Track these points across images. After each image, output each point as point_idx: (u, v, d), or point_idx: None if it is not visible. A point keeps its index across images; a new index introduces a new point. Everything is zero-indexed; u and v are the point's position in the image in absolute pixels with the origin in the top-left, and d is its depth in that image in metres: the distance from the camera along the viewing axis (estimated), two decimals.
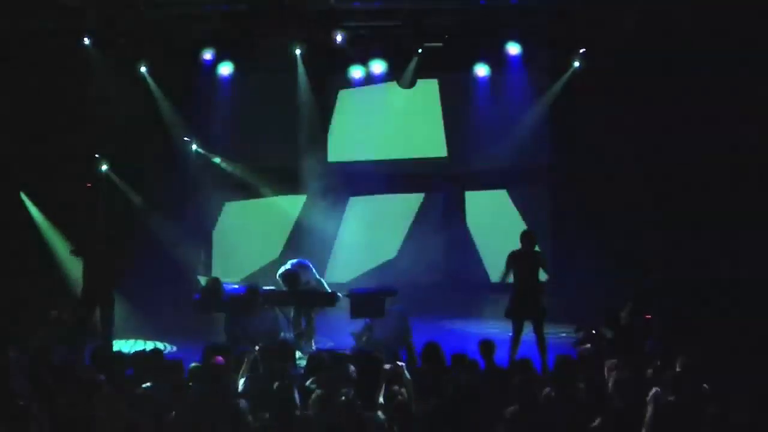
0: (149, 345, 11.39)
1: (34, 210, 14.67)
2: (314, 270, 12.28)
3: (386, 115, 15.86)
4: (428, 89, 15.80)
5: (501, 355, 9.51)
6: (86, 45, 14.18)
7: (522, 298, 10.84)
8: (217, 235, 16.11)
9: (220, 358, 7.65)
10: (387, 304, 11.63)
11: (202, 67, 14.96)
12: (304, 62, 15.06)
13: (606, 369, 8.27)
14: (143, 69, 14.89)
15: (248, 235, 15.93)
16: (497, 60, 14.96)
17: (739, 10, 12.69)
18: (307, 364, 8.68)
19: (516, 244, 11.12)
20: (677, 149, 13.90)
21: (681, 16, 13.11)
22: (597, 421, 6.81)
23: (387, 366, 7.60)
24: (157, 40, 14.36)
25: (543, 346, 10.70)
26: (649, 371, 8.12)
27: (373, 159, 15.92)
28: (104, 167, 15.07)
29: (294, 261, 12.29)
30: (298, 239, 15.59)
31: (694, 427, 6.81)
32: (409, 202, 16.23)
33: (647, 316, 10.85)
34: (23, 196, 14.60)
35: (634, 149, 14.31)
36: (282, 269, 12.10)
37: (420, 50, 14.87)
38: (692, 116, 13.65)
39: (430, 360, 8.33)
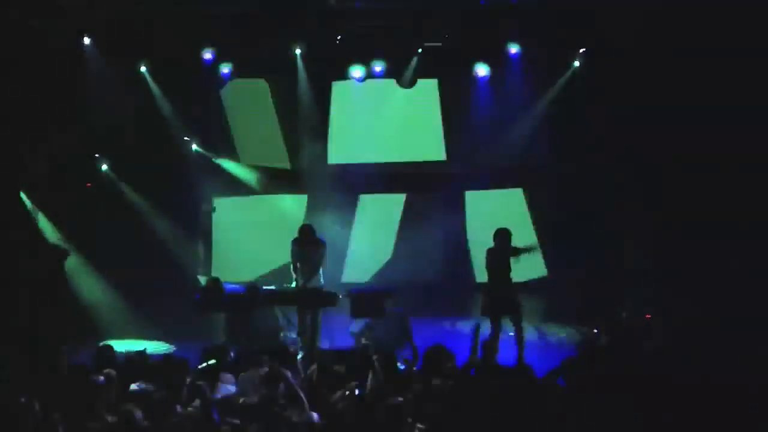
0: (149, 345, 11.40)
1: (33, 210, 14.65)
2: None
3: (386, 115, 15.85)
4: (428, 89, 15.78)
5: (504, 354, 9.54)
6: (86, 45, 14.19)
7: (496, 296, 10.86)
8: (217, 234, 16.10)
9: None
10: (387, 304, 11.66)
11: (202, 67, 14.96)
12: (304, 62, 15.08)
13: None
14: (143, 69, 14.90)
15: (248, 236, 15.91)
16: (497, 60, 14.96)
17: (738, 9, 12.70)
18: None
19: (516, 244, 11.16)
20: (677, 148, 13.90)
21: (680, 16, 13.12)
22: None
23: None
24: (157, 40, 14.34)
25: (521, 340, 10.70)
26: None
27: (372, 159, 15.91)
28: (104, 167, 15.09)
29: None
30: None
31: None
32: (409, 202, 16.23)
33: (647, 316, 10.87)
34: (23, 196, 14.59)
35: (634, 149, 14.31)
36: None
37: (420, 50, 14.88)
38: (693, 115, 13.64)
39: (434, 362, 8.32)
